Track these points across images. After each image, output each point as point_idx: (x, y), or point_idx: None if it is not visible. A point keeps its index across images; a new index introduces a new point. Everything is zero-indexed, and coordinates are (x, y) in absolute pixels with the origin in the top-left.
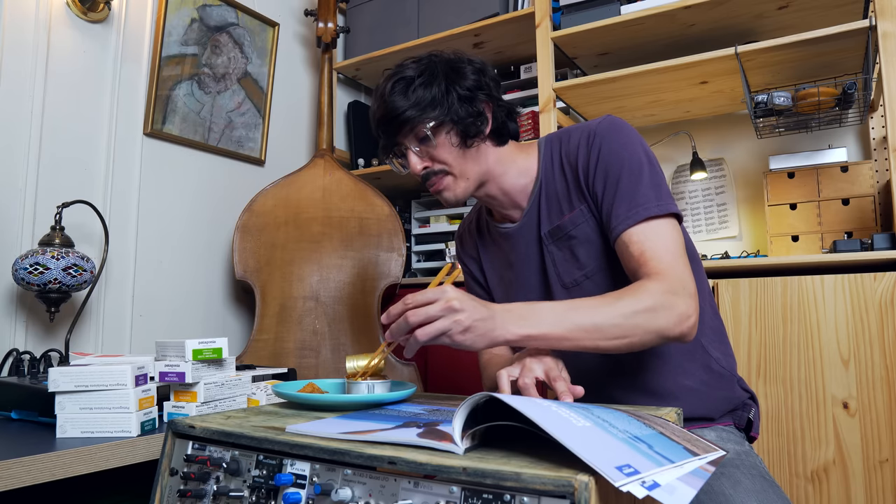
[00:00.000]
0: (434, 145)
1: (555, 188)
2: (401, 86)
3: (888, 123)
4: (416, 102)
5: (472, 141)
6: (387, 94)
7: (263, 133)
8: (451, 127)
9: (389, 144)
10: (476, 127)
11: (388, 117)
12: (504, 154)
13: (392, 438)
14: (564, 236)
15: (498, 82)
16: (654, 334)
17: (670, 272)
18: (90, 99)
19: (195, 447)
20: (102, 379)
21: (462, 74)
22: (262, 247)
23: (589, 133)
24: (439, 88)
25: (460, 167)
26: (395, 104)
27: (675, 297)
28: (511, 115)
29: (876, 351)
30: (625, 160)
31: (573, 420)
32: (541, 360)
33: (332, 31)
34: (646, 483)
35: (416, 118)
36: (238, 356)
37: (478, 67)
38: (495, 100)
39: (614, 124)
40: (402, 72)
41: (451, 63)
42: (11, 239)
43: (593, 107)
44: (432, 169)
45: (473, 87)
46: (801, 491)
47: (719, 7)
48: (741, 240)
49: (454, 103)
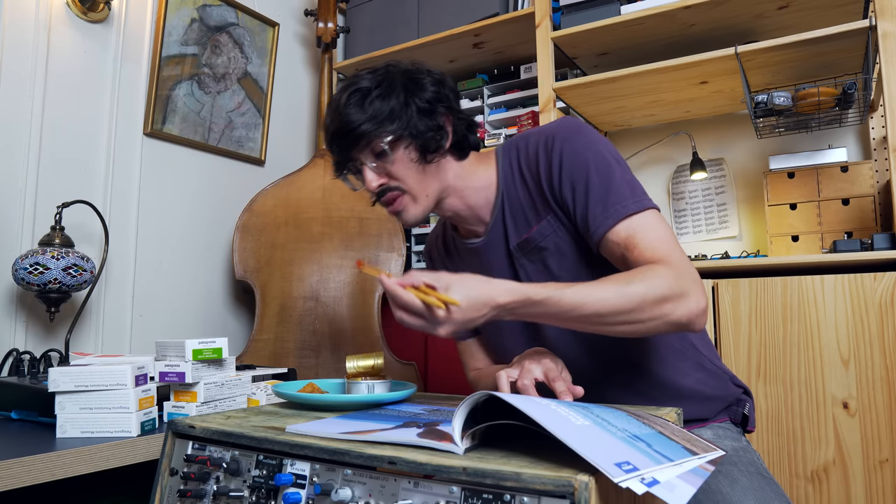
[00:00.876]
0: (391, 161)
1: (518, 199)
2: (356, 97)
3: (888, 123)
4: (373, 115)
5: (432, 156)
6: (342, 106)
7: (263, 133)
8: (409, 142)
9: (344, 160)
10: (436, 141)
11: (343, 131)
12: (464, 167)
13: (392, 438)
14: (534, 248)
15: (457, 94)
16: (663, 320)
17: (672, 258)
18: (90, 99)
19: (195, 447)
20: (102, 379)
21: (421, 86)
22: (262, 247)
23: (546, 138)
24: (397, 100)
25: (418, 184)
26: (351, 117)
27: (684, 282)
28: (471, 128)
29: (876, 351)
30: (590, 162)
31: (572, 418)
32: (540, 362)
33: (332, 31)
34: (645, 480)
35: (373, 132)
36: (238, 356)
37: (437, 79)
38: (455, 112)
39: (572, 126)
40: (358, 83)
41: (409, 74)
42: (11, 239)
43: (593, 107)
44: (388, 185)
45: (433, 100)
46: (801, 491)
47: (719, 7)
48: (741, 240)
49: (413, 116)
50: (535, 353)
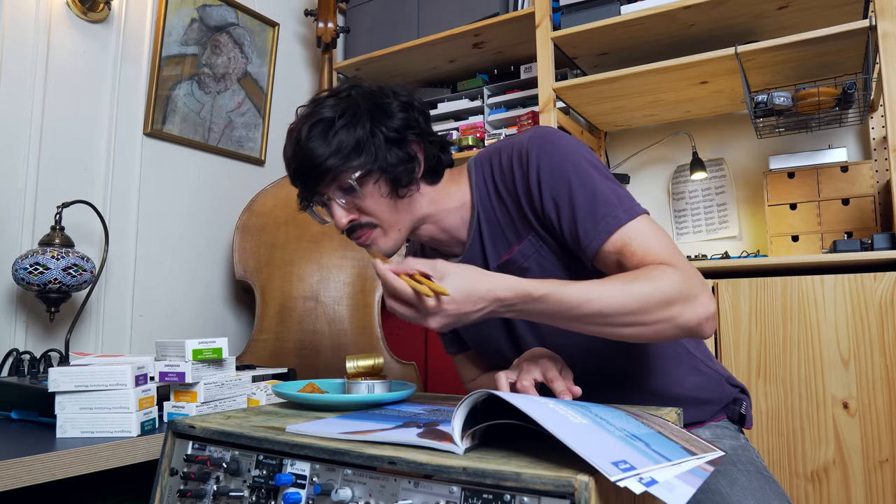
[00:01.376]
0: (361, 196)
1: (495, 217)
2: (319, 129)
3: (888, 123)
4: (338, 149)
5: (405, 190)
6: (304, 139)
7: (263, 133)
8: (379, 175)
9: (309, 195)
10: (408, 174)
11: (308, 167)
12: (438, 192)
13: (392, 438)
14: (517, 269)
15: (427, 115)
16: (671, 324)
17: (675, 262)
18: (90, 99)
19: (195, 447)
20: (102, 379)
21: (388, 113)
22: (262, 247)
23: (520, 151)
24: (363, 130)
25: (390, 218)
26: (315, 152)
27: (692, 284)
28: (444, 148)
29: (876, 351)
30: (570, 173)
31: (570, 417)
32: (538, 362)
33: (332, 31)
34: (643, 479)
35: (339, 167)
36: (238, 356)
37: (404, 101)
38: (426, 136)
39: (545, 136)
40: (321, 112)
41: (374, 98)
42: (11, 239)
43: (593, 107)
44: (359, 221)
45: (402, 127)
46: (801, 491)
47: (719, 7)
48: (741, 240)
49: (381, 147)
50: (534, 352)
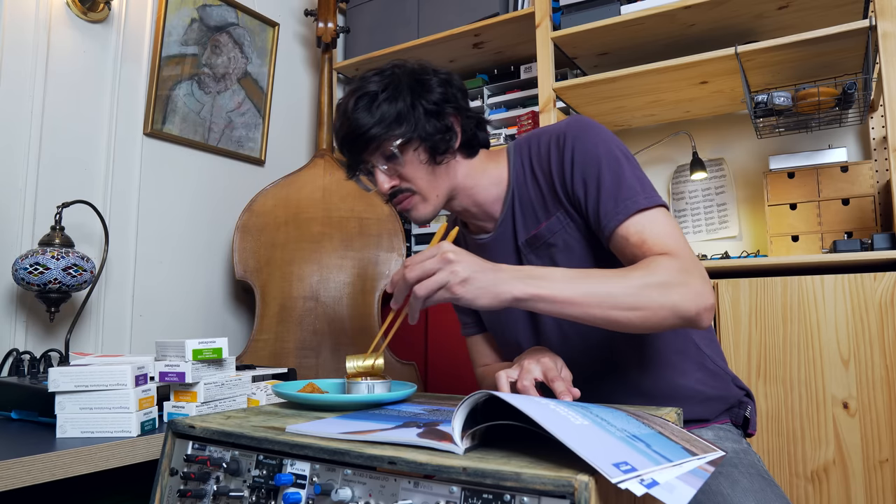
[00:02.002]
0: (402, 163)
1: (528, 195)
2: (364, 101)
3: (888, 123)
4: (381, 119)
5: (442, 157)
6: (350, 110)
7: (263, 133)
8: (418, 144)
9: (355, 163)
10: (445, 142)
11: (353, 135)
12: (474, 166)
13: (392, 438)
14: (543, 244)
15: (465, 92)
16: (668, 310)
17: (680, 252)
18: (90, 99)
19: (195, 447)
20: (102, 379)
21: (427, 87)
22: (262, 247)
23: (558, 136)
24: (405, 103)
25: (429, 185)
26: (360, 121)
27: (690, 274)
28: (481, 125)
29: (876, 351)
30: (601, 158)
31: (571, 418)
32: (539, 362)
33: (332, 31)
34: (644, 481)
35: (382, 135)
36: (238, 356)
37: (444, 78)
38: (463, 111)
39: (583, 124)
40: (366, 86)
41: (415, 75)
42: (11, 239)
43: (593, 107)
44: (399, 187)
45: (440, 101)
46: (801, 491)
47: (719, 7)
48: (741, 240)
49: (420, 118)
50: (534, 352)
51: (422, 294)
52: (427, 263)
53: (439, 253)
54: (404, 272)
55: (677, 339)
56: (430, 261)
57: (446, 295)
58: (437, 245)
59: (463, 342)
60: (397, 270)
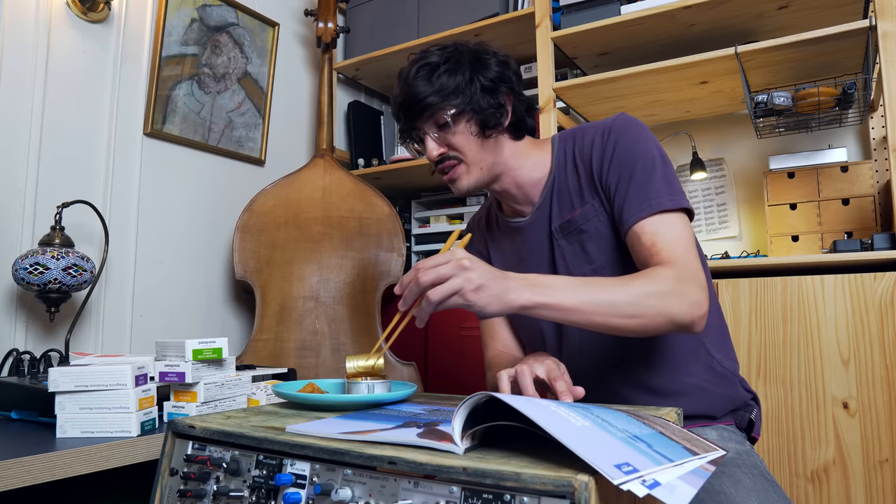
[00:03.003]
0: (453, 132)
1: (567, 183)
2: (425, 71)
3: (888, 123)
4: (440, 89)
5: (491, 132)
6: (411, 78)
7: (263, 133)
8: (471, 116)
9: (409, 128)
10: (496, 118)
11: (410, 102)
12: (520, 148)
13: (392, 438)
14: (575, 230)
15: (520, 77)
16: (665, 317)
17: (682, 261)
18: (90, 99)
19: (195, 447)
20: (102, 379)
21: (486, 65)
22: (262, 247)
23: (604, 130)
24: (463, 77)
25: (475, 157)
26: (419, 89)
27: (687, 284)
28: (530, 111)
29: (876, 351)
30: (638, 155)
31: (572, 419)
32: (541, 362)
33: (332, 31)
34: (646, 482)
35: (438, 104)
36: (238, 356)
37: (502, 60)
38: (516, 94)
39: (629, 121)
40: (428, 57)
41: (476, 53)
42: (11, 239)
43: (593, 107)
44: (447, 154)
45: (496, 79)
46: (801, 491)
47: (719, 7)
48: (741, 240)
49: (476, 93)
50: (537, 355)
51: (435, 299)
52: (442, 269)
53: (454, 259)
54: (417, 275)
55: (688, 340)
56: (444, 266)
57: (460, 301)
58: (451, 251)
59: (463, 342)
60: (408, 273)
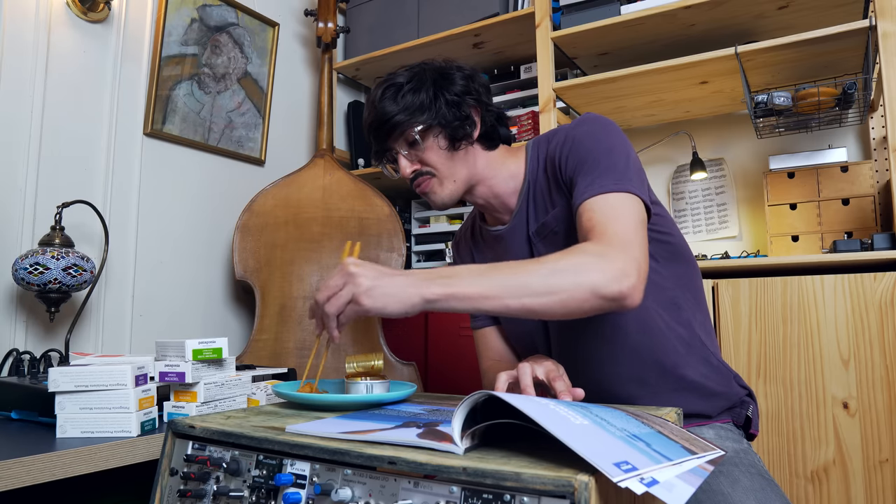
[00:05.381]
0: (423, 148)
1: (540, 187)
2: (391, 92)
3: (888, 123)
4: (405, 107)
5: (460, 144)
6: (377, 100)
7: (263, 133)
8: (439, 130)
9: (381, 150)
10: (464, 130)
11: (378, 122)
12: (493, 158)
13: (392, 438)
14: (550, 233)
15: (488, 88)
16: (585, 290)
17: (612, 234)
18: (90, 99)
19: (195, 447)
20: (102, 379)
21: (451, 80)
22: (262, 247)
23: (569, 129)
24: (427, 93)
25: (448, 170)
26: (385, 109)
27: (614, 255)
28: (501, 120)
29: (876, 351)
30: (595, 143)
31: (571, 418)
32: (541, 363)
33: (332, 31)
34: (644, 479)
35: (405, 122)
36: (238, 356)
37: (467, 74)
38: (484, 104)
39: (593, 118)
40: (394, 79)
41: (440, 70)
42: (11, 239)
43: (593, 107)
44: (420, 171)
45: (462, 92)
46: (801, 491)
47: (719, 7)
48: (741, 240)
49: (442, 108)
50: (537, 357)
51: (331, 311)
52: (331, 281)
53: (341, 268)
54: (316, 296)
55: (683, 330)
56: (333, 278)
57: (356, 308)
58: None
59: (462, 342)
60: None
